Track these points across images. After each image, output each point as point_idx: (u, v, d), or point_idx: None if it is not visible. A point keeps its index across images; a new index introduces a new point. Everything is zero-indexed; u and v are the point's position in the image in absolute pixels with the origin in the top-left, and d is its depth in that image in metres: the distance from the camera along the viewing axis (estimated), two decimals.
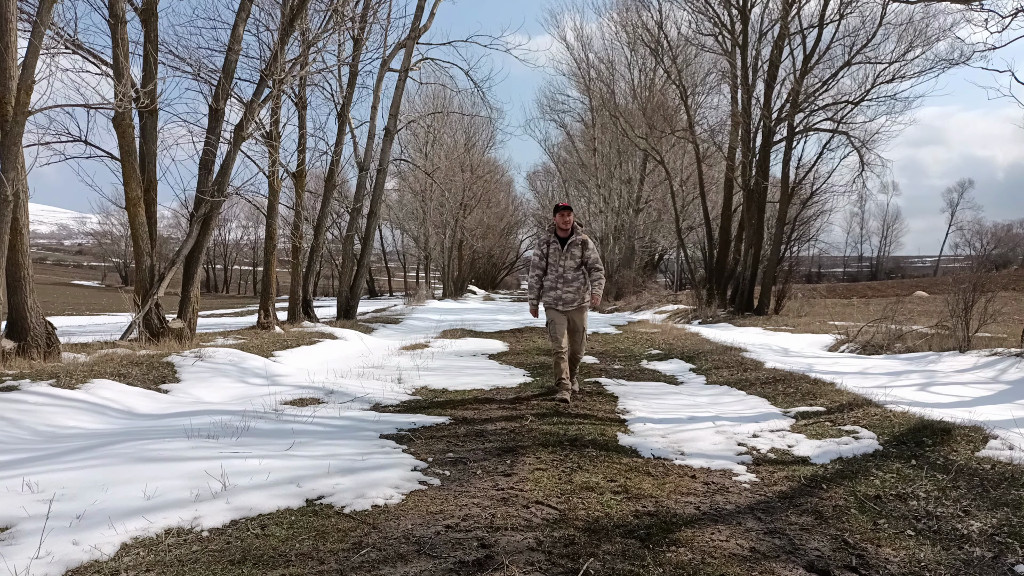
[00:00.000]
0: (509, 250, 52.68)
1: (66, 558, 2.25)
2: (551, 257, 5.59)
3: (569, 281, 5.53)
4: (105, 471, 3.18)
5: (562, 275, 5.54)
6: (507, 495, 3.04)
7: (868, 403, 4.76)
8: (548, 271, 5.62)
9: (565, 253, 5.52)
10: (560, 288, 5.53)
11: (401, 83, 14.97)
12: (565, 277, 5.53)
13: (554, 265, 5.57)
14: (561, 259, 5.53)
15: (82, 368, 5.48)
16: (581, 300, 5.54)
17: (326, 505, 2.88)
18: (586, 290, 5.56)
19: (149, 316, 7.74)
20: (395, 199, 33.16)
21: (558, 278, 5.55)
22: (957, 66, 12.87)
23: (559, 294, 5.53)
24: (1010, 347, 6.66)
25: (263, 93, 9.23)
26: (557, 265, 5.55)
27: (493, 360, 8.32)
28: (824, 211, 24.96)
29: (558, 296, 5.53)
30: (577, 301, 5.52)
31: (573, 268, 5.54)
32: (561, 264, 5.54)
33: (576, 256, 5.53)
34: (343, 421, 4.61)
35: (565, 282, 5.53)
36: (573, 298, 5.52)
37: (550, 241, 5.60)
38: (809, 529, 2.67)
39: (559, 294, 5.53)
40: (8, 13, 5.62)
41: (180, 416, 4.64)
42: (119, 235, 56.77)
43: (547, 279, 5.62)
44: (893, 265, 69.05)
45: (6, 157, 5.60)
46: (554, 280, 5.56)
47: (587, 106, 27.63)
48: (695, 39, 17.34)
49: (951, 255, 65.37)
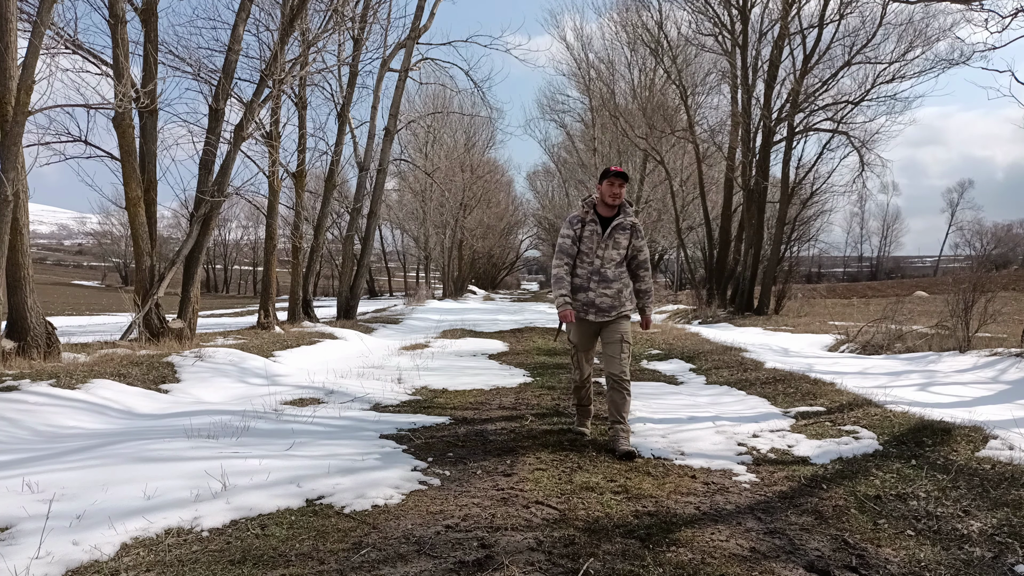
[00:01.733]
0: (509, 250, 52.67)
1: (66, 558, 2.25)
2: (585, 243, 4.01)
3: (609, 281, 3.98)
4: (105, 471, 3.18)
5: (599, 270, 3.99)
6: (507, 495, 3.04)
7: (868, 403, 4.76)
8: (578, 264, 4.05)
9: (607, 240, 3.98)
10: (595, 289, 3.99)
11: (401, 83, 14.97)
12: (603, 274, 3.98)
13: (588, 255, 4.01)
14: (600, 248, 3.98)
15: (82, 368, 5.48)
16: (621, 307, 4.02)
17: (326, 505, 2.88)
18: (628, 297, 4.08)
19: (149, 316, 7.74)
20: (395, 199, 33.17)
21: (593, 274, 4.00)
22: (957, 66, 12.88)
23: (591, 298, 3.99)
24: (1010, 347, 6.66)
25: (263, 93, 9.23)
26: (593, 256, 4.00)
27: (493, 360, 8.32)
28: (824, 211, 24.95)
29: (589, 301, 3.99)
30: (617, 309, 4.01)
31: (616, 263, 4.02)
32: (599, 255, 3.99)
33: (622, 246, 4.02)
34: (343, 421, 4.61)
35: (603, 281, 3.98)
36: (612, 305, 3.99)
37: (586, 220, 3.99)
38: (809, 529, 2.67)
39: (591, 298, 3.99)
40: (8, 13, 5.63)
41: (180, 416, 4.64)
42: (119, 235, 56.76)
43: (575, 276, 4.06)
44: (893, 265, 69.06)
45: (6, 157, 5.60)
46: (586, 277, 4.01)
47: (587, 106, 27.61)
48: (695, 39, 17.35)
49: (951, 255, 65.38)
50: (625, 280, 4.06)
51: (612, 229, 3.99)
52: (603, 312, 4.00)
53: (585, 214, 4.03)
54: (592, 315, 4.01)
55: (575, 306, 4.01)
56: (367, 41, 13.59)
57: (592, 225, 4.00)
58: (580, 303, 4.03)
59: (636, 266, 4.13)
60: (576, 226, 4.04)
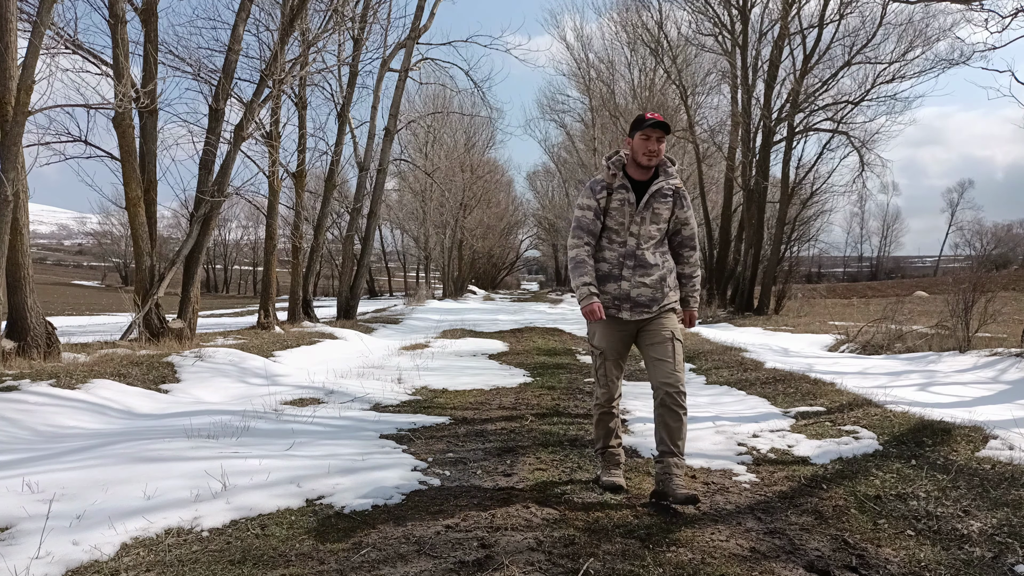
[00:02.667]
0: (509, 250, 52.67)
1: (66, 558, 2.25)
2: (614, 217, 3.03)
3: (648, 266, 3.01)
4: (105, 471, 3.18)
5: (634, 252, 3.02)
6: (507, 495, 3.04)
7: (868, 403, 4.76)
8: (605, 245, 3.07)
9: (643, 212, 3.01)
10: (629, 278, 3.01)
11: (401, 83, 14.97)
12: (641, 258, 3.02)
13: (619, 233, 3.03)
14: (634, 223, 3.01)
15: (82, 368, 5.48)
16: (665, 300, 3.05)
17: (326, 505, 2.88)
18: (673, 285, 3.11)
19: (149, 316, 7.74)
20: (395, 199, 33.16)
21: (626, 258, 3.02)
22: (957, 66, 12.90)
23: (625, 289, 3.00)
24: (1010, 347, 6.66)
25: (263, 93, 9.23)
26: (625, 234, 3.02)
27: (493, 360, 8.32)
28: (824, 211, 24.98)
29: (622, 293, 3.01)
30: (659, 303, 3.03)
31: (656, 242, 3.07)
32: (634, 232, 3.02)
33: (662, 218, 3.05)
34: (343, 421, 4.61)
35: (640, 267, 3.01)
36: (653, 297, 3.02)
37: (614, 187, 3.03)
38: (809, 529, 2.67)
39: (625, 289, 3.00)
40: (8, 13, 5.63)
41: (180, 416, 4.64)
42: (119, 235, 56.74)
43: (599, 261, 3.07)
44: (893, 265, 69.04)
45: (6, 157, 5.60)
46: (617, 262, 3.03)
47: (587, 106, 27.62)
48: (695, 39, 17.36)
49: (951, 255, 65.36)
50: (669, 264, 3.09)
51: (650, 197, 3.00)
52: (641, 308, 3.00)
53: (612, 178, 3.03)
54: (626, 312, 3.00)
55: (602, 300, 3.00)
56: (367, 41, 13.60)
57: (622, 193, 3.01)
58: (609, 296, 3.01)
59: (680, 244, 3.16)
60: (600, 194, 3.03)
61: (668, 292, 3.08)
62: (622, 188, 3.03)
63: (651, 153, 2.98)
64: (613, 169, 3.08)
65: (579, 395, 5.75)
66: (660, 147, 2.99)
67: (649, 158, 2.98)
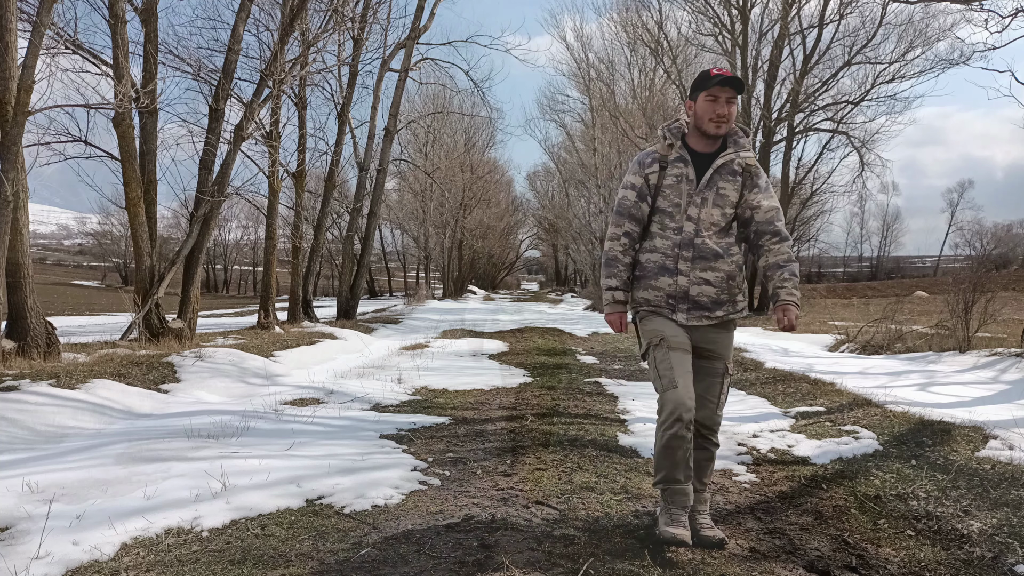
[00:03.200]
0: (509, 250, 52.69)
1: (66, 558, 2.25)
2: (668, 197, 2.50)
3: (710, 258, 2.47)
4: (105, 471, 3.18)
5: (692, 241, 2.46)
6: (507, 495, 3.04)
7: (868, 403, 4.76)
8: (656, 232, 2.53)
9: (706, 191, 2.47)
10: (687, 272, 2.47)
11: (401, 83, 14.98)
12: (701, 247, 2.46)
13: (674, 216, 2.49)
14: (694, 204, 2.47)
15: (82, 368, 5.48)
16: (731, 305, 2.52)
17: (326, 505, 2.88)
18: (742, 286, 2.56)
19: (149, 316, 7.74)
20: (395, 199, 33.15)
21: (683, 247, 2.47)
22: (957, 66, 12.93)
23: (683, 285, 2.47)
24: (1010, 347, 6.66)
25: (263, 93, 9.23)
26: (682, 217, 2.48)
27: (493, 360, 8.32)
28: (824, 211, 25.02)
29: (679, 291, 2.48)
30: (724, 307, 2.50)
31: (720, 229, 2.49)
32: (692, 216, 2.47)
33: (729, 200, 2.48)
34: (343, 421, 4.61)
35: (700, 258, 2.47)
36: (716, 299, 2.49)
37: (669, 160, 2.50)
38: (809, 529, 2.67)
39: (683, 285, 2.47)
40: (8, 13, 5.62)
41: (180, 416, 4.64)
42: (119, 235, 56.69)
43: (649, 251, 2.54)
44: (893, 265, 69.01)
45: (6, 157, 5.60)
46: (671, 253, 2.48)
47: (587, 106, 27.60)
48: (695, 39, 17.37)
49: (951, 255, 65.32)
50: (737, 259, 2.51)
51: (714, 173, 2.45)
52: (702, 311, 2.46)
53: (667, 149, 2.50)
54: (682, 314, 2.47)
55: (651, 299, 2.50)
56: (367, 41, 13.61)
57: (680, 167, 2.47)
58: (662, 294, 2.48)
59: (757, 232, 2.49)
60: (650, 168, 2.50)
61: (736, 294, 2.51)
62: (679, 161, 2.48)
63: (719, 118, 2.40)
64: (669, 138, 2.51)
65: (579, 395, 5.75)
66: (731, 110, 2.41)
67: (717, 125, 2.41)
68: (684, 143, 2.52)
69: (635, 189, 2.54)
